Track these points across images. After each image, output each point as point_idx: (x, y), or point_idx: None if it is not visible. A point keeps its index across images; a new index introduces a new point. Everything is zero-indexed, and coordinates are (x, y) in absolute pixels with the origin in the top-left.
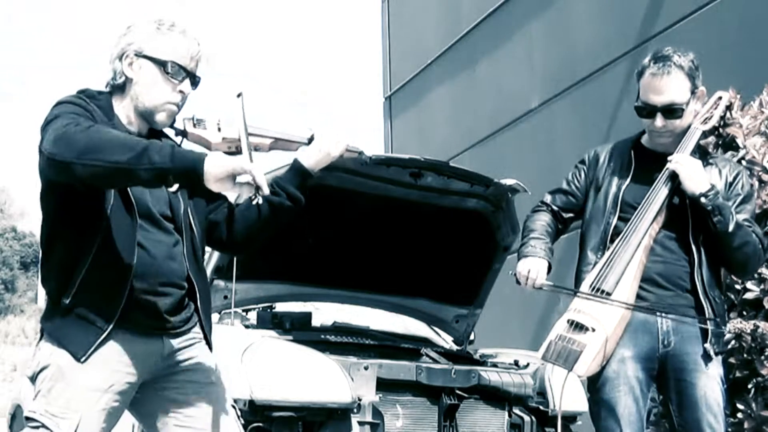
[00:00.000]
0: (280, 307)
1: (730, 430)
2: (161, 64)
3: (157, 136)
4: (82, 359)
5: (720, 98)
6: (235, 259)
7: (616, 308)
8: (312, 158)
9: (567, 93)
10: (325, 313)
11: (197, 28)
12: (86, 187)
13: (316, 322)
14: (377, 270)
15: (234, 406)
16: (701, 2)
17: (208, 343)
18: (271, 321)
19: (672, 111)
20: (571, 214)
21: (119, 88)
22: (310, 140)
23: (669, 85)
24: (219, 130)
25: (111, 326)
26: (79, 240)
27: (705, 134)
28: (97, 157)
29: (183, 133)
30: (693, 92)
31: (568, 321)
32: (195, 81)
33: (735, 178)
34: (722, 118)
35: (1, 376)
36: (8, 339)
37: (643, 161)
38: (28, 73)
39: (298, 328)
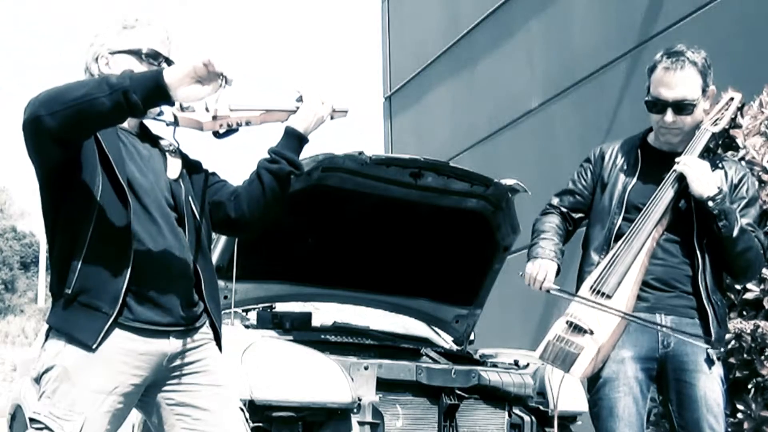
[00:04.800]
0: (280, 307)
1: (729, 430)
2: (136, 53)
3: (149, 134)
4: (94, 346)
5: (732, 99)
6: (235, 259)
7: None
8: (302, 122)
9: (567, 93)
10: (325, 313)
11: (196, 28)
12: (66, 145)
13: (316, 322)
14: (377, 270)
15: (243, 409)
16: (701, 2)
17: (218, 342)
18: (271, 321)
19: (683, 107)
20: (580, 214)
21: None
22: (299, 100)
23: (681, 80)
24: (207, 110)
25: (116, 310)
26: (74, 230)
27: (714, 136)
28: (61, 101)
29: (174, 122)
30: (704, 90)
31: (566, 322)
32: (170, 65)
33: (740, 181)
34: (733, 120)
35: (1, 376)
36: (8, 339)
37: (650, 161)
38: (28, 73)
39: (298, 328)
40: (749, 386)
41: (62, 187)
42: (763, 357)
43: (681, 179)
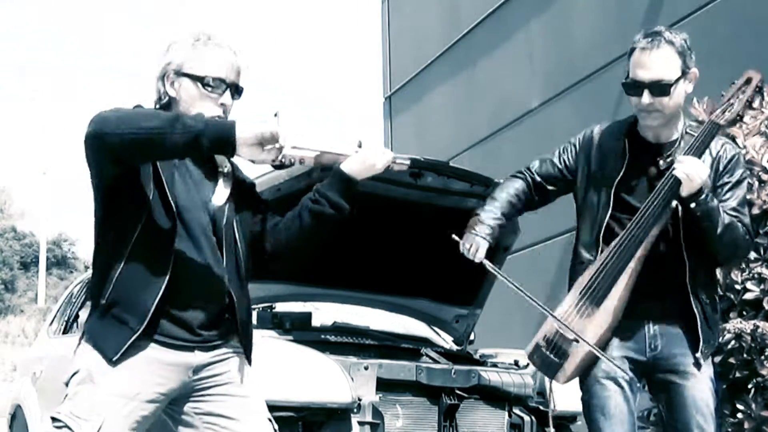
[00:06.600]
0: (280, 307)
1: (729, 430)
2: (199, 80)
3: None
4: (114, 358)
5: (750, 79)
6: None
7: (602, 318)
8: (354, 166)
9: (567, 93)
10: (325, 313)
11: (195, 28)
12: (122, 165)
13: (316, 322)
14: (377, 270)
15: (271, 420)
16: (701, 2)
17: (248, 358)
18: (271, 321)
19: (660, 88)
20: (553, 188)
21: (166, 107)
22: (359, 146)
23: (657, 61)
24: None
25: (143, 326)
26: (117, 240)
27: (722, 127)
28: (130, 125)
29: None
30: (684, 72)
31: (554, 327)
32: (237, 91)
33: (728, 165)
34: (749, 102)
35: (1, 376)
36: (8, 339)
37: (637, 152)
38: (28, 73)
39: (298, 328)
40: (749, 386)
41: (115, 198)
42: (763, 357)
43: (678, 183)
